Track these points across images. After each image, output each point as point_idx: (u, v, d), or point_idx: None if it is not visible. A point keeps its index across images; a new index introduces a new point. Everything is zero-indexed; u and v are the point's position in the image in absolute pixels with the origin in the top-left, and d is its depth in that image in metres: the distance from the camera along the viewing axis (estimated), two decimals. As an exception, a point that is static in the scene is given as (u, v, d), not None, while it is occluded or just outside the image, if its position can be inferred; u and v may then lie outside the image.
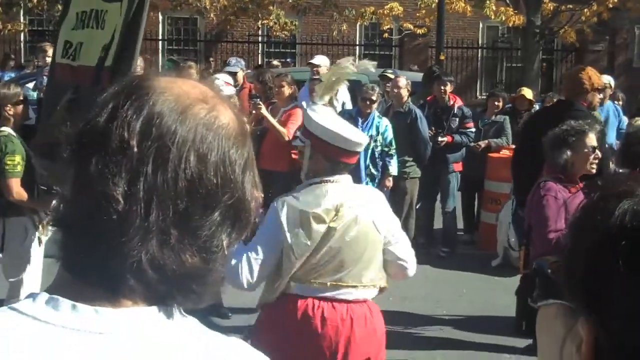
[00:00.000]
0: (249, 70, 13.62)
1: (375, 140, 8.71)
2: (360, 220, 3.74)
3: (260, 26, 23.78)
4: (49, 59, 10.12)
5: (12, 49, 23.25)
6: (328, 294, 3.74)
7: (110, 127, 1.16)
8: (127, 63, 5.01)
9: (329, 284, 3.73)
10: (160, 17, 24.73)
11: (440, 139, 9.52)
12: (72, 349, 1.11)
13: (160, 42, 25.67)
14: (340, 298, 3.75)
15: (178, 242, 1.14)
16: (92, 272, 1.15)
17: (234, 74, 10.53)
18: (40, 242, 5.78)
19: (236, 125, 1.23)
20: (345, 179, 3.83)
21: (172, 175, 1.14)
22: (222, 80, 8.19)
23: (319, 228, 3.68)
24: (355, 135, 3.89)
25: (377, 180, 8.76)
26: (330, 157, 3.79)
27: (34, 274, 5.78)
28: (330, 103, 8.89)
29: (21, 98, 5.86)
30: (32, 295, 1.17)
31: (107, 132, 1.16)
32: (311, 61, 11.19)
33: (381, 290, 3.91)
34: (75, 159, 1.18)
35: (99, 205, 1.12)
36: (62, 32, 5.73)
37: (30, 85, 11.34)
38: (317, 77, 10.07)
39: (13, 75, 14.89)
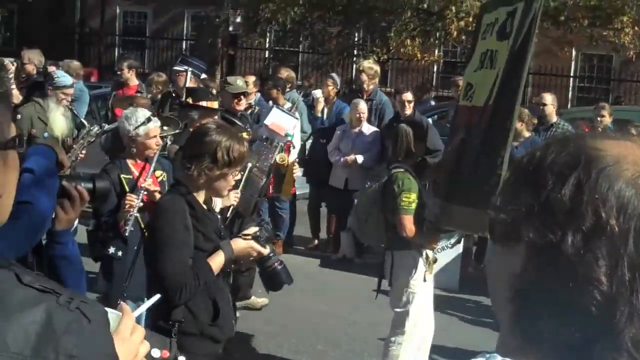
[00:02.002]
0: None
1: None
2: None
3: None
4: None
5: (425, 79, 24.28)
6: None
7: (579, 204, 1.11)
8: (510, 98, 4.97)
9: None
10: (574, 53, 24.13)
11: None
12: None
13: (570, 79, 25.12)
14: None
15: None
16: (560, 345, 1.14)
17: None
18: (426, 277, 5.87)
19: None
20: None
21: None
22: None
23: None
24: None
25: None
26: None
27: (420, 307, 5.88)
28: None
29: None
30: (484, 355, 1.19)
31: (577, 209, 1.11)
32: None
33: None
34: (541, 237, 1.13)
35: (582, 288, 1.10)
36: (466, 74, 5.89)
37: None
38: None
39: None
